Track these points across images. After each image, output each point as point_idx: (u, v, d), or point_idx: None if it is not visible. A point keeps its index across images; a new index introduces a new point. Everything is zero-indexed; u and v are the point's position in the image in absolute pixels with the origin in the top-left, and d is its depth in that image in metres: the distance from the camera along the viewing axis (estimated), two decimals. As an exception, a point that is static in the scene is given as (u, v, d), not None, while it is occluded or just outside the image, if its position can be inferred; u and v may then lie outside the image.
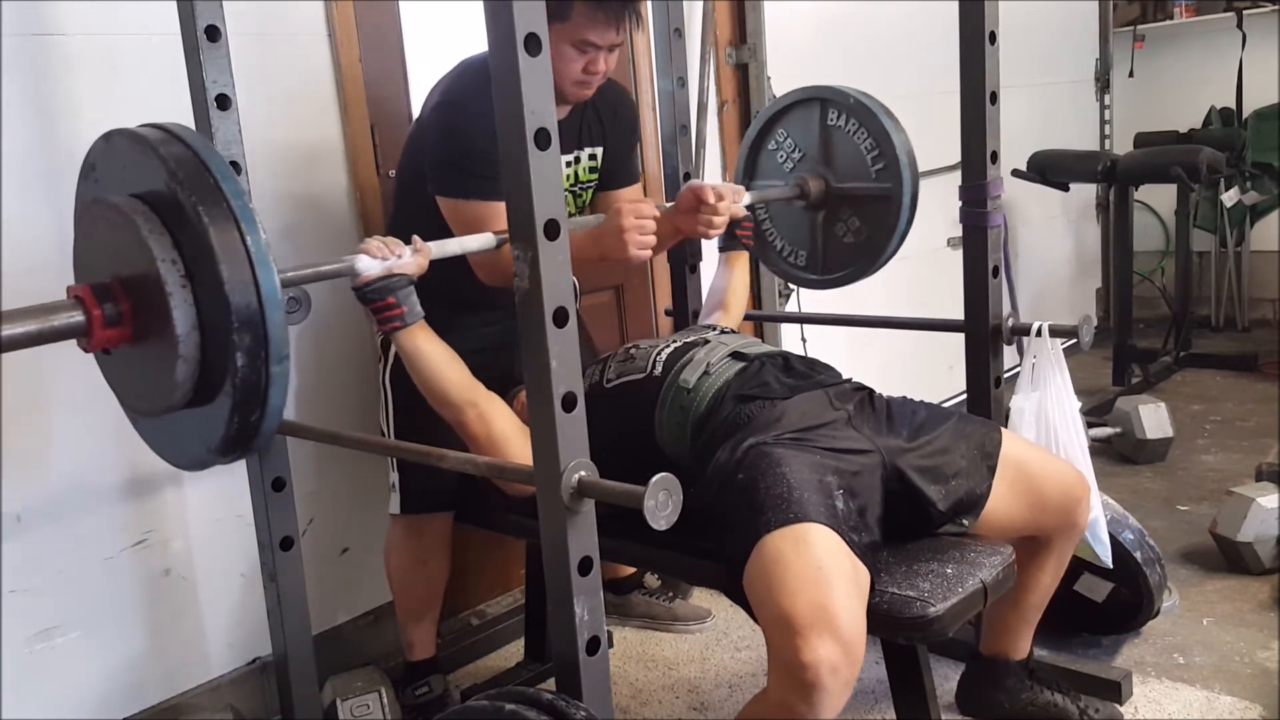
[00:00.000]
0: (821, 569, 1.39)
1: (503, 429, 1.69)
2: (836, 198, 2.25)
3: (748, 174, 2.41)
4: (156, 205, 1.10)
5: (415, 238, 1.60)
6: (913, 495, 1.63)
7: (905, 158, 2.12)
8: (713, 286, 2.29)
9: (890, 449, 1.65)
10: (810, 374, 1.78)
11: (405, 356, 1.65)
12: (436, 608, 2.23)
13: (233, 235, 1.06)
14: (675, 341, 1.86)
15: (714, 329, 1.95)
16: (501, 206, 1.32)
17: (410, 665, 2.22)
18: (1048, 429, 1.93)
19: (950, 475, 1.66)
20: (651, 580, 2.59)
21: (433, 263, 1.62)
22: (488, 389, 1.73)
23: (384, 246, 1.56)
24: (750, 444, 1.59)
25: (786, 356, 1.83)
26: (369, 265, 1.53)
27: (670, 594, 2.55)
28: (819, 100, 2.24)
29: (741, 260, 2.25)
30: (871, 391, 1.80)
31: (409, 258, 1.57)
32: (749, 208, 2.17)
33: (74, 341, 1.22)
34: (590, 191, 2.19)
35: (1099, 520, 1.93)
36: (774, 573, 1.42)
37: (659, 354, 1.82)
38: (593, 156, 2.15)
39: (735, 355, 1.79)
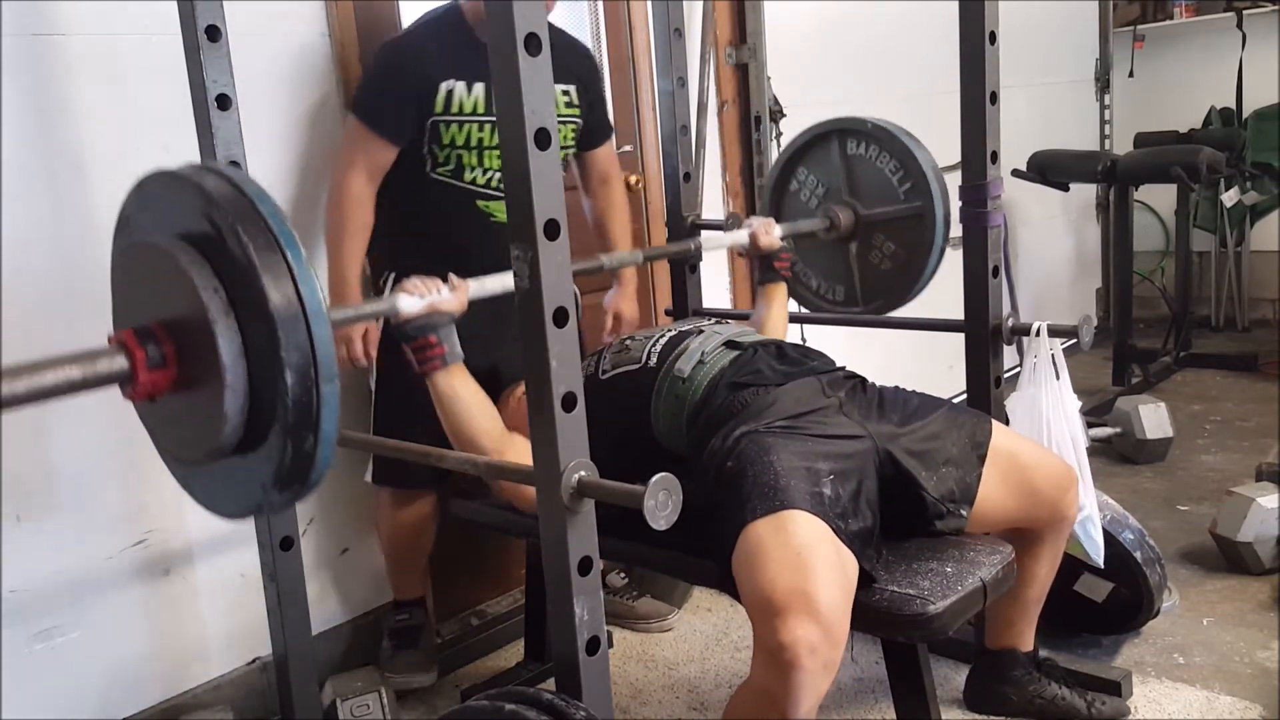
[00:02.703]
0: (802, 554, 1.41)
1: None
2: (867, 225, 2.23)
3: (774, 219, 2.38)
4: (195, 240, 1.09)
5: (451, 276, 1.57)
6: (905, 481, 1.63)
7: (932, 173, 2.11)
8: (750, 321, 2.22)
9: (882, 434, 1.65)
10: (803, 361, 1.79)
11: (439, 398, 1.61)
12: (423, 561, 2.33)
13: (275, 255, 1.04)
14: (670, 331, 1.87)
15: (709, 319, 1.95)
16: (367, 135, 1.87)
17: (396, 603, 2.31)
18: (1047, 429, 1.93)
19: (940, 462, 1.66)
20: (615, 579, 2.60)
21: (398, 250, 1.60)
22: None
23: (422, 285, 1.53)
24: (741, 432, 1.60)
25: (780, 345, 1.84)
26: (410, 304, 1.51)
27: (634, 592, 2.55)
28: (836, 132, 2.23)
29: (780, 294, 2.20)
30: (863, 379, 1.81)
31: (448, 295, 1.54)
32: (783, 239, 2.17)
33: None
34: (571, 128, 2.22)
35: (1090, 518, 1.93)
36: (756, 558, 1.43)
37: (654, 344, 1.82)
38: (566, 93, 2.18)
39: (729, 344, 1.80)
